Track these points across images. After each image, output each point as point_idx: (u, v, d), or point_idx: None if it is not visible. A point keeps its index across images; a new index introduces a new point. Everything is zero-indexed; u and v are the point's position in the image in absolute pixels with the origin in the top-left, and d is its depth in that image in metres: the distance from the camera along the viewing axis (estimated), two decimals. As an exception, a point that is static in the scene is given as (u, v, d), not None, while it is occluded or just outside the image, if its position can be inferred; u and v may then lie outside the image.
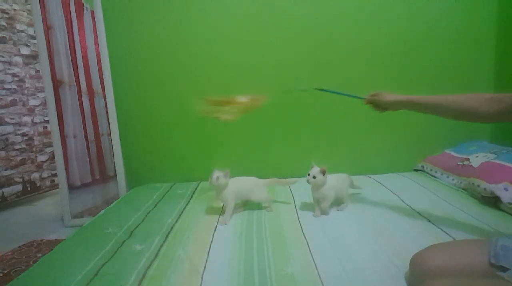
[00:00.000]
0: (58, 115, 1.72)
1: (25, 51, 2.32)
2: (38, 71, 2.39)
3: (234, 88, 1.81)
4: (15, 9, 2.25)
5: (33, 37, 2.33)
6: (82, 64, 1.86)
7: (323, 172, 1.17)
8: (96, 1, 1.66)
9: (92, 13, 1.78)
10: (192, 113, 1.84)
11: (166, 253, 0.96)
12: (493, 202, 1.25)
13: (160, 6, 1.74)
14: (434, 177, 1.69)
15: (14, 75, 2.25)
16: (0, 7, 2.16)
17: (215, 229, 1.13)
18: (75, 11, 1.81)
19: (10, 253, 1.49)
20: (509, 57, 1.79)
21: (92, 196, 1.95)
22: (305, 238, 1.03)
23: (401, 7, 1.78)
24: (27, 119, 2.34)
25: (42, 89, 2.35)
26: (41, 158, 2.44)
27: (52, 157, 2.44)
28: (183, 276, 0.84)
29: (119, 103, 1.75)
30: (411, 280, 0.75)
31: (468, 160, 1.56)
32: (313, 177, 1.17)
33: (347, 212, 1.25)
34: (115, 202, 1.45)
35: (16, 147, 2.27)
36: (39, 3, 1.63)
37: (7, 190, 2.20)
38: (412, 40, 1.81)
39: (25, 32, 2.32)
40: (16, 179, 2.27)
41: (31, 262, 1.39)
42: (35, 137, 2.40)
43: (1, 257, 1.46)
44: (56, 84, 1.74)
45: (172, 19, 1.75)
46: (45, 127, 2.46)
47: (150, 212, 1.31)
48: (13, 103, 2.25)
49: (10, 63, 2.23)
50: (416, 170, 1.86)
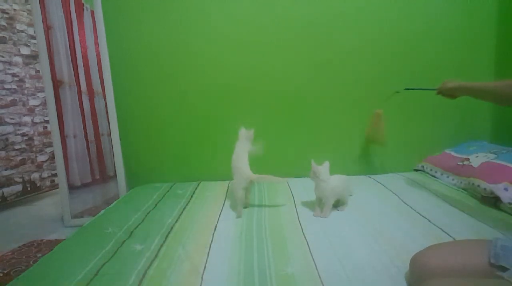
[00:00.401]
0: (58, 115, 1.72)
1: (25, 51, 2.32)
2: (38, 71, 2.39)
3: (234, 88, 1.82)
4: (15, 9, 2.25)
5: (33, 37, 2.33)
6: (82, 64, 1.87)
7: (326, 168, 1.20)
8: (96, 1, 1.66)
9: (92, 13, 1.78)
10: (192, 113, 1.86)
11: (166, 253, 0.95)
12: (493, 202, 1.25)
13: (160, 6, 1.74)
14: (434, 177, 1.68)
15: (14, 75, 2.25)
16: (0, 7, 2.16)
17: (215, 229, 1.13)
18: (75, 11, 1.82)
19: (10, 253, 1.49)
20: (509, 57, 1.79)
21: (92, 196, 1.95)
22: (305, 238, 1.03)
23: (401, 7, 1.78)
24: (27, 119, 2.34)
25: (42, 89, 2.36)
26: (41, 158, 2.44)
27: (52, 157, 2.45)
28: (183, 276, 0.84)
29: (119, 103, 1.75)
30: (411, 280, 0.76)
31: (468, 160, 1.56)
32: (318, 175, 1.17)
33: (347, 212, 1.25)
34: (115, 202, 1.45)
35: (16, 147, 2.27)
36: (39, 3, 1.63)
37: (7, 190, 2.20)
38: (412, 40, 1.82)
39: (25, 32, 2.32)
40: (16, 179, 2.27)
41: (31, 262, 1.39)
42: (35, 137, 2.40)
43: (1, 257, 1.46)
44: (56, 84, 1.74)
45: (172, 19, 1.75)
46: (45, 127, 2.46)
47: (150, 212, 1.31)
48: (13, 103, 2.25)
49: (10, 63, 2.23)
50: (416, 170, 1.86)
